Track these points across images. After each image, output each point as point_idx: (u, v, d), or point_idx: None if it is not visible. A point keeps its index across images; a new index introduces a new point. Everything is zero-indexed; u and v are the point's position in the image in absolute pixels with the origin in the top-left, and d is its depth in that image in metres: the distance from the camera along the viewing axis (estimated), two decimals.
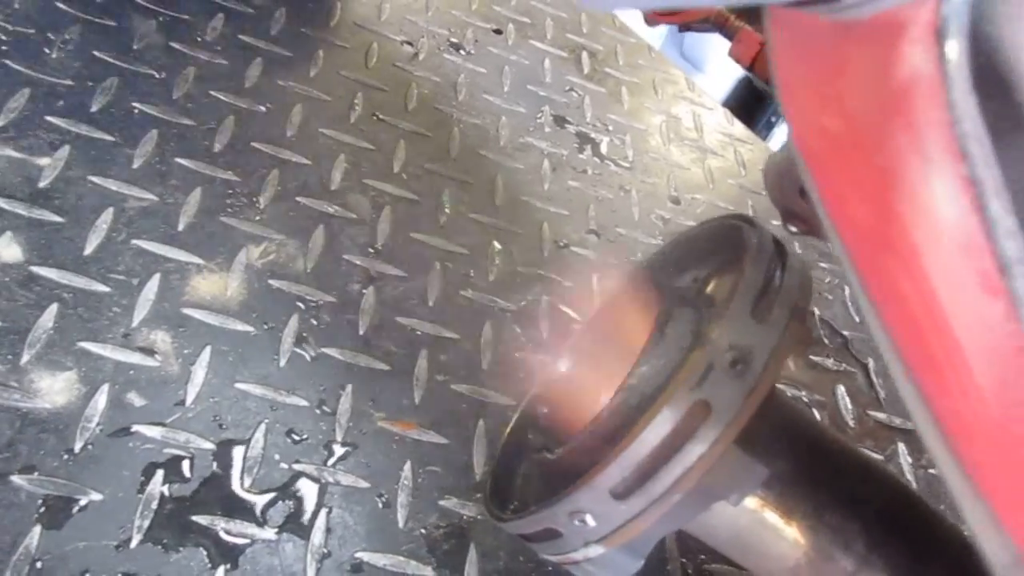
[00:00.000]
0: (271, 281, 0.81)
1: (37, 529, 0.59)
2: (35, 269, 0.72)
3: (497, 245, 0.96)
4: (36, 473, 0.62)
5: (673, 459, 0.42)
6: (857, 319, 1.09)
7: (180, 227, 0.81)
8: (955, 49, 0.20)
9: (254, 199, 0.87)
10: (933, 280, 0.24)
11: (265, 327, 0.77)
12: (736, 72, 2.58)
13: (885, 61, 0.22)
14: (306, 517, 0.67)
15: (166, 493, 0.64)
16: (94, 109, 0.86)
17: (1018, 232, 0.21)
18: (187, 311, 0.75)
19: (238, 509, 0.65)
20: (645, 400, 0.45)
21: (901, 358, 0.26)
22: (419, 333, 0.83)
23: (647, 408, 0.43)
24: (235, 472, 0.67)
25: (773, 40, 0.27)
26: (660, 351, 0.47)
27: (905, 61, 0.21)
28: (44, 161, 0.80)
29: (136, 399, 0.68)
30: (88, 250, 0.75)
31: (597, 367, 0.52)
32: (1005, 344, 0.22)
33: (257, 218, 0.85)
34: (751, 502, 0.48)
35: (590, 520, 0.45)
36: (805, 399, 0.97)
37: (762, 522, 0.49)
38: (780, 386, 0.98)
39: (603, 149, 1.17)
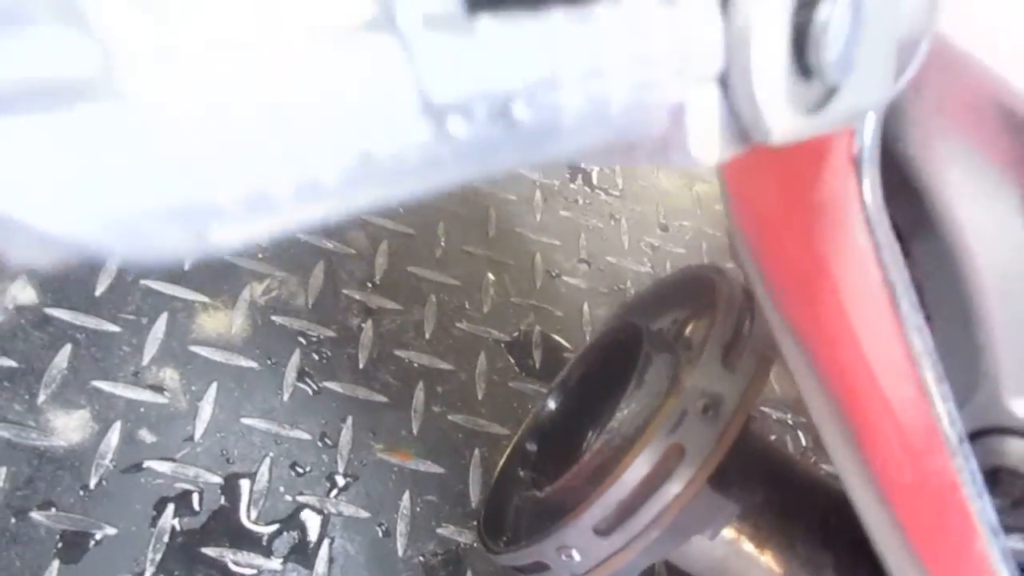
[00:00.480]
0: (273, 317, 0.84)
1: (56, 563, 0.62)
2: (49, 311, 0.75)
3: (491, 276, 0.99)
4: (54, 509, 0.65)
5: (651, 498, 0.46)
6: None
7: (186, 266, 0.84)
8: (869, 173, 0.24)
9: None
10: (864, 353, 0.27)
11: (269, 362, 0.80)
12: None
13: (815, 178, 0.25)
14: (310, 547, 0.70)
15: (177, 527, 0.67)
16: None
17: (923, 327, 0.25)
18: (194, 348, 0.78)
19: (246, 541, 0.68)
20: (625, 442, 0.49)
21: (842, 423, 0.29)
22: (416, 365, 0.87)
23: (627, 450, 0.46)
24: (242, 505, 0.70)
25: None
26: (640, 395, 0.50)
27: (830, 181, 0.25)
28: None
29: (147, 435, 0.71)
30: (99, 291, 0.79)
31: (582, 410, 0.55)
32: (919, 421, 0.25)
33: (260, 255, 0.89)
34: (726, 534, 0.51)
35: (576, 555, 0.48)
36: (790, 421, 1.00)
37: (738, 553, 0.52)
38: (766, 408, 1.01)
39: (594, 178, 1.20)
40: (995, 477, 0.26)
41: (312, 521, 0.72)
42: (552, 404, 0.65)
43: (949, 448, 0.24)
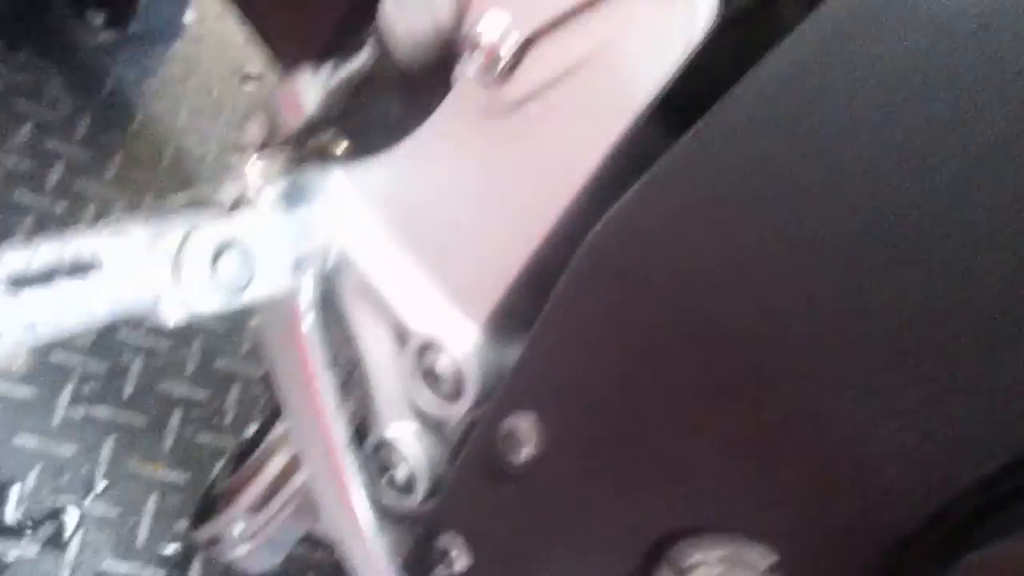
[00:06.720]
0: (53, 354, 1.02)
1: None
2: None
3: (254, 322, 1.21)
4: None
5: (284, 487, 0.70)
6: None
7: None
8: (309, 315, 0.49)
9: None
10: (314, 408, 0.52)
11: (44, 392, 0.99)
12: None
13: (288, 320, 0.50)
14: (65, 538, 0.89)
15: None
16: None
17: (332, 393, 0.50)
18: None
19: (8, 533, 0.87)
20: (271, 451, 0.73)
21: (316, 435, 0.54)
22: (175, 395, 1.07)
23: (270, 456, 0.70)
24: (8, 506, 0.88)
25: None
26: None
27: (290, 318, 0.49)
28: None
29: None
30: None
31: (262, 428, 0.79)
32: (332, 436, 0.50)
33: None
34: None
35: (238, 527, 0.72)
36: None
37: None
38: None
39: None
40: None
41: (70, 518, 0.91)
42: (253, 428, 0.88)
43: (338, 446, 0.49)
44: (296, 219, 0.48)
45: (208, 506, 0.85)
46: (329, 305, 0.52)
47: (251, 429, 0.90)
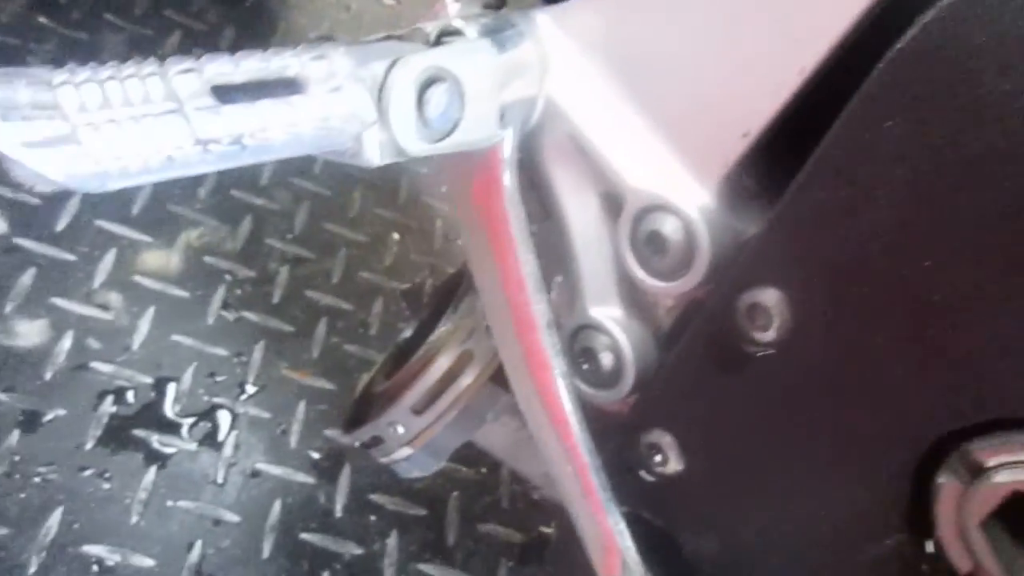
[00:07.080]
0: (205, 258, 1.02)
1: (16, 432, 0.80)
2: (17, 240, 0.93)
3: (395, 236, 1.18)
4: (16, 392, 0.83)
5: (449, 388, 0.66)
6: None
7: (135, 210, 1.02)
8: (510, 173, 0.43)
9: (197, 189, 1.08)
10: (511, 279, 0.46)
11: (198, 293, 0.99)
12: None
13: (487, 172, 0.44)
14: (220, 436, 0.89)
15: (113, 413, 0.86)
16: None
17: (532, 263, 0.44)
18: (136, 278, 0.96)
19: (168, 427, 0.87)
20: (435, 349, 0.69)
21: (507, 314, 0.49)
22: (322, 304, 1.05)
23: (435, 354, 0.66)
24: (168, 401, 0.89)
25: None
26: (454, 316, 0.70)
27: (492, 174, 0.44)
28: None
29: (93, 343, 0.89)
30: (59, 227, 0.96)
31: (426, 333, 0.75)
32: (530, 314, 0.44)
33: (198, 206, 1.07)
34: (511, 421, 0.71)
35: (400, 429, 0.68)
36: None
37: (524, 436, 0.72)
38: None
39: None
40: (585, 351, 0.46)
41: (223, 417, 0.91)
42: (408, 331, 0.84)
43: (540, 323, 0.44)
44: (503, 61, 0.42)
45: (362, 409, 0.82)
46: (525, 170, 0.46)
47: (406, 332, 0.86)
